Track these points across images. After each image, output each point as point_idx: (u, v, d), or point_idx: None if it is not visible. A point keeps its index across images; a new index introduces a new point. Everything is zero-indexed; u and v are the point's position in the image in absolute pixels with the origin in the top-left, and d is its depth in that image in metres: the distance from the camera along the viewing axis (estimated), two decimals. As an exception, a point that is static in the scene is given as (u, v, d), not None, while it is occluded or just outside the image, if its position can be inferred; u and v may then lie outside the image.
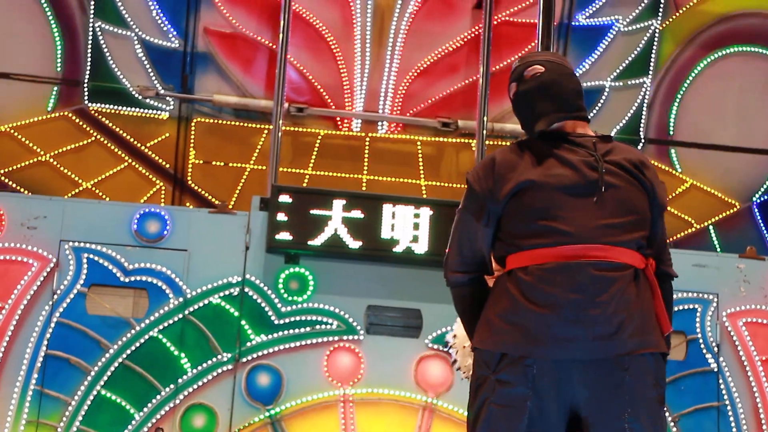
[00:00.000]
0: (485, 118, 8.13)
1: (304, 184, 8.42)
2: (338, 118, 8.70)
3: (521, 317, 3.09)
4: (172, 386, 7.03)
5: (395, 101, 8.70)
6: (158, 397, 7.00)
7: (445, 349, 3.83)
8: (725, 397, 7.36)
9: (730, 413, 7.33)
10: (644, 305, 3.12)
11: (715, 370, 7.39)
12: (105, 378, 6.97)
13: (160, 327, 7.07)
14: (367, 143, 8.68)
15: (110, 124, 8.48)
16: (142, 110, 8.52)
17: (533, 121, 3.27)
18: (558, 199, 3.12)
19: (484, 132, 8.09)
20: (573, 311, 3.04)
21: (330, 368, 7.21)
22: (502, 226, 3.22)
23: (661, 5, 8.94)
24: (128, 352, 7.01)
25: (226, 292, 7.18)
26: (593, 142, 3.23)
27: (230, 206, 8.07)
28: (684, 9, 9.04)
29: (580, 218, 3.10)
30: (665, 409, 3.15)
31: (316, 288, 7.27)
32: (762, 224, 8.94)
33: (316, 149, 8.65)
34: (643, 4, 8.94)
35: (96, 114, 8.47)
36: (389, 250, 7.26)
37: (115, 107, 8.49)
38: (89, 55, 8.43)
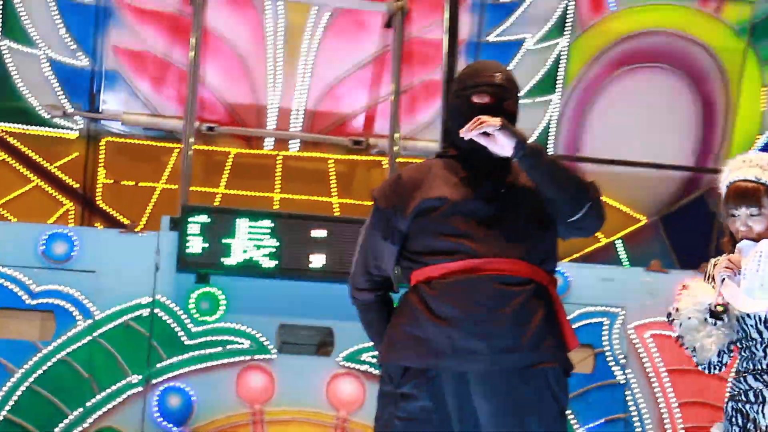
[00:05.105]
0: (396, 136, 8.17)
1: (216, 203, 8.37)
2: (250, 137, 8.68)
3: (423, 330, 3.12)
4: (80, 410, 6.92)
5: (307, 119, 8.71)
6: (66, 421, 6.88)
7: (668, 320, 3.63)
8: (632, 408, 7.48)
9: (636, 424, 7.45)
10: (546, 320, 3.16)
11: (623, 382, 7.50)
12: (11, 403, 6.83)
13: (68, 350, 6.96)
14: (279, 161, 8.67)
15: (17, 144, 8.35)
16: (49, 130, 8.40)
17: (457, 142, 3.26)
18: (461, 217, 3.16)
19: (395, 150, 8.13)
20: (473, 325, 3.08)
21: (242, 388, 7.16)
22: (406, 243, 3.24)
23: (567, 24, 9.09)
24: (35, 376, 6.88)
25: (136, 313, 7.09)
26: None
27: (141, 226, 7.99)
28: (589, 28, 9.20)
29: (484, 234, 3.14)
30: (569, 422, 3.20)
31: (228, 307, 7.22)
32: (666, 238, 9.13)
33: (227, 168, 8.61)
34: (550, 23, 9.08)
35: (2, 134, 8.33)
36: (301, 268, 7.24)
37: (22, 127, 8.35)
38: (-5, 74, 8.30)
